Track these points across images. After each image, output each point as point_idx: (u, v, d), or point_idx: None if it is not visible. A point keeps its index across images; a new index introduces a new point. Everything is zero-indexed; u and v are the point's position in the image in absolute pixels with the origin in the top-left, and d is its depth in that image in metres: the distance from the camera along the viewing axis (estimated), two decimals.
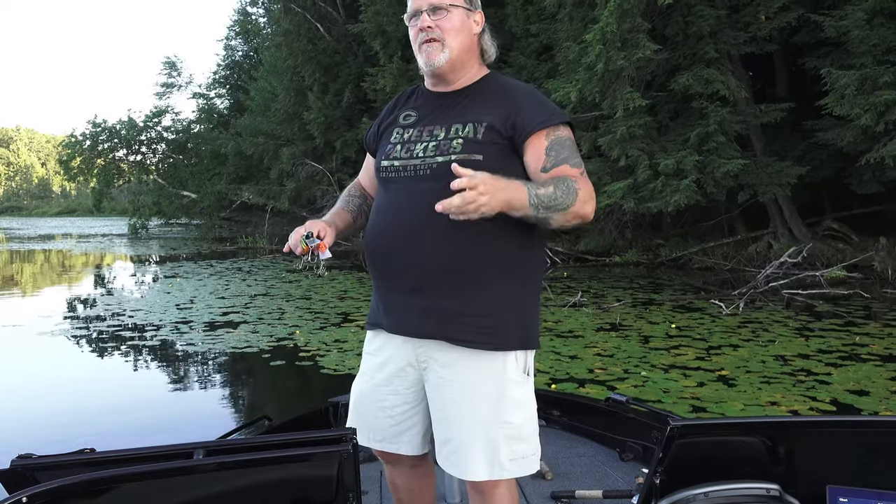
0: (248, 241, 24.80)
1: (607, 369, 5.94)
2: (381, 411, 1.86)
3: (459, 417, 1.72)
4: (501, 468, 1.71)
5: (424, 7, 1.76)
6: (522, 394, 1.76)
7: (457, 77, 1.82)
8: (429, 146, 1.75)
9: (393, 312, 1.80)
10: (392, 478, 2.02)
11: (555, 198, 1.59)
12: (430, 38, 1.76)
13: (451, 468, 1.76)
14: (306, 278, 13.47)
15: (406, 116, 1.86)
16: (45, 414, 5.15)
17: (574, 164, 1.70)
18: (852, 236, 13.08)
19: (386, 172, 1.81)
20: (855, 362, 6.05)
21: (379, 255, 1.80)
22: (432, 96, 1.86)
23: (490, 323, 1.70)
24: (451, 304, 1.69)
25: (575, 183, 1.64)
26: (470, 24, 1.82)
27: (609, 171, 13.18)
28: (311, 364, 6.38)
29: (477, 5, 1.85)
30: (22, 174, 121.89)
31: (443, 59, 1.76)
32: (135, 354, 7.03)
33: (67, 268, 17.93)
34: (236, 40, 40.94)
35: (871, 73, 10.16)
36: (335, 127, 23.70)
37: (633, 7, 11.33)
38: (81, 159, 34.78)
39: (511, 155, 1.72)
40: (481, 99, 1.79)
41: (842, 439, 1.61)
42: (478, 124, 1.73)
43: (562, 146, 1.71)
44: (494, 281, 1.71)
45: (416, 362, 1.79)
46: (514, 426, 1.73)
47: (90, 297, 11.50)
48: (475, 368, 1.71)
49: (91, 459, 1.40)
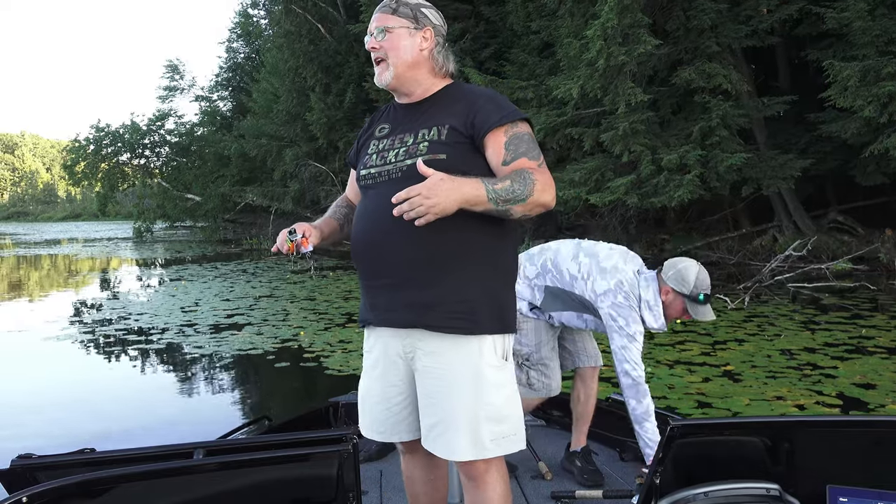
0: (253, 242, 24.86)
1: (611, 366, 5.92)
2: (381, 403, 1.98)
3: (443, 401, 1.83)
4: (484, 448, 1.81)
5: (372, 29, 1.91)
6: (501, 377, 1.86)
7: (411, 90, 1.95)
8: (399, 151, 1.89)
9: (378, 308, 1.92)
10: (409, 471, 2.12)
11: (512, 190, 1.72)
12: (377, 59, 1.91)
13: (439, 450, 1.85)
14: (311, 279, 13.49)
15: (381, 129, 2.01)
16: (47, 415, 5.16)
17: (532, 157, 1.82)
18: (857, 228, 13.04)
19: (364, 180, 1.95)
20: (861, 355, 6.02)
21: (361, 256, 1.93)
22: (401, 108, 2.00)
23: (464, 308, 1.81)
24: (429, 295, 1.82)
25: (531, 174, 1.76)
26: (415, 42, 1.91)
27: (612, 167, 13.16)
28: (316, 365, 6.39)
29: (423, 24, 1.92)
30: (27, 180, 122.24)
31: (388, 76, 1.90)
32: (140, 357, 7.04)
33: (73, 272, 17.98)
34: (238, 42, 41.01)
35: (873, 65, 10.13)
36: (338, 127, 23.70)
37: (633, 2, 11.30)
38: (86, 164, 34.92)
39: (473, 152, 1.85)
40: (443, 105, 1.92)
41: (842, 439, 1.60)
42: (441, 127, 1.86)
43: (520, 140, 1.83)
44: (467, 270, 1.83)
45: (404, 353, 1.91)
46: (495, 407, 1.83)
47: (96, 301, 11.52)
48: (454, 353, 1.83)
49: (91, 459, 1.40)
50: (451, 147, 1.83)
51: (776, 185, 12.23)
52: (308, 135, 25.15)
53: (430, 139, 1.85)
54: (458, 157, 1.82)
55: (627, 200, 12.71)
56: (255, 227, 29.36)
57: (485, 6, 18.09)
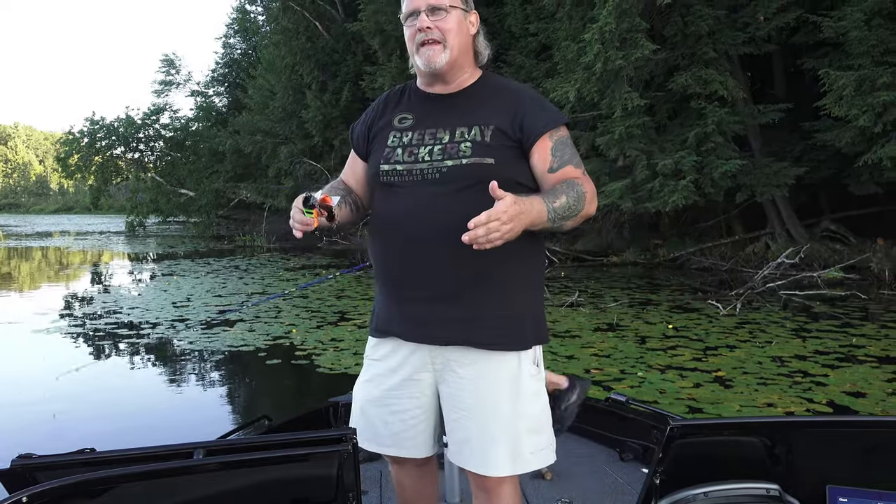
0: (246, 239, 24.79)
1: (604, 370, 5.94)
2: (391, 415, 1.86)
3: (481, 415, 1.74)
4: (525, 462, 1.75)
5: (423, 7, 1.74)
6: (537, 386, 1.81)
7: (454, 78, 1.82)
8: (434, 149, 1.74)
9: (411, 321, 1.79)
10: (399, 478, 2.04)
11: (568, 206, 1.65)
12: (430, 39, 1.75)
13: (473, 465, 1.77)
14: (304, 277, 13.46)
15: (402, 119, 1.84)
16: (44, 412, 5.14)
17: (577, 165, 1.76)
18: (850, 237, 13.09)
19: (388, 177, 1.79)
20: (852, 364, 6.05)
21: (395, 264, 1.80)
22: (428, 98, 1.84)
23: (509, 324, 1.75)
24: (474, 309, 1.73)
25: (581, 186, 1.70)
26: (466, 26, 1.80)
27: (607, 171, 13.19)
28: (308, 363, 6.38)
29: (471, 6, 1.84)
30: (20, 171, 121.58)
31: (443, 59, 1.75)
32: (131, 352, 7.02)
33: (64, 265, 17.90)
34: (235, 38, 40.87)
35: (869, 74, 10.17)
36: (333, 125, 23.67)
37: (631, 6, 11.33)
38: (79, 156, 34.72)
39: (520, 158, 1.76)
40: (482, 101, 1.80)
41: (842, 439, 1.61)
42: (484, 127, 1.74)
43: (565, 146, 1.76)
44: (510, 282, 1.76)
45: (432, 366, 1.81)
46: (534, 418, 1.78)
47: (87, 295, 11.48)
48: (495, 367, 1.75)
49: (91, 459, 1.40)
50: (498, 150, 1.71)
51: (770, 192, 12.27)
52: (303, 132, 25.10)
53: (472, 139, 1.73)
54: (505, 162, 1.71)
55: (622, 205, 12.74)
56: (248, 223, 29.25)
57: (483, 7, 18.08)
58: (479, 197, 1.55)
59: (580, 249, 16.09)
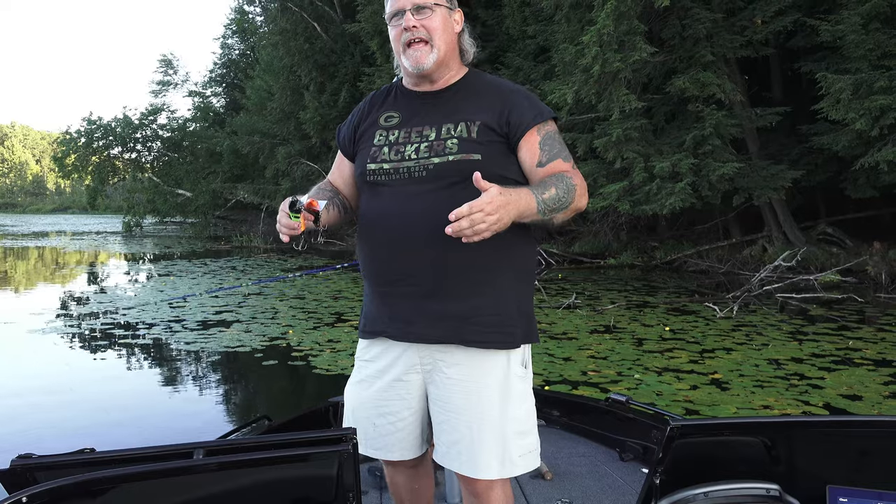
0: (243, 240, 24.77)
1: (601, 371, 5.94)
2: (380, 418, 1.84)
3: (469, 417, 1.72)
4: (513, 464, 1.74)
5: (408, 6, 1.73)
6: (524, 387, 1.79)
7: (440, 77, 1.81)
8: (420, 147, 1.73)
9: (400, 320, 1.76)
10: (393, 478, 2.03)
11: (558, 198, 1.64)
12: (417, 38, 1.74)
13: (463, 468, 1.75)
14: (300, 278, 13.45)
15: (388, 118, 1.84)
16: (44, 413, 5.13)
17: (566, 158, 1.75)
18: (846, 241, 13.13)
19: (374, 175, 1.78)
20: (848, 367, 6.06)
21: (383, 262, 1.77)
22: (414, 96, 1.84)
23: (498, 322, 1.72)
24: (465, 307, 1.70)
25: (571, 179, 1.69)
26: (452, 24, 1.79)
27: (604, 174, 13.21)
28: (304, 364, 6.38)
29: (455, 4, 1.82)
30: (16, 171, 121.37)
31: (431, 60, 1.75)
32: (128, 353, 7.01)
33: (61, 265, 17.86)
34: (233, 39, 40.94)
35: (866, 78, 10.20)
36: (331, 126, 23.63)
37: (629, 9, 11.35)
38: (76, 156, 34.70)
39: (507, 153, 1.74)
40: (468, 97, 1.79)
41: (842, 439, 1.61)
42: (470, 123, 1.73)
43: (553, 140, 1.76)
44: (501, 279, 1.73)
45: (421, 367, 1.79)
46: (521, 420, 1.76)
47: (83, 295, 11.45)
48: (484, 367, 1.73)
49: (91, 459, 1.39)
50: (485, 146, 1.70)
51: (767, 195, 12.30)
52: (301, 133, 25.11)
53: (458, 136, 1.71)
54: (492, 157, 1.70)
55: (619, 207, 12.76)
56: (245, 224, 29.24)
57: (481, 9, 18.12)
58: (467, 193, 1.53)
59: (577, 251, 16.10)
